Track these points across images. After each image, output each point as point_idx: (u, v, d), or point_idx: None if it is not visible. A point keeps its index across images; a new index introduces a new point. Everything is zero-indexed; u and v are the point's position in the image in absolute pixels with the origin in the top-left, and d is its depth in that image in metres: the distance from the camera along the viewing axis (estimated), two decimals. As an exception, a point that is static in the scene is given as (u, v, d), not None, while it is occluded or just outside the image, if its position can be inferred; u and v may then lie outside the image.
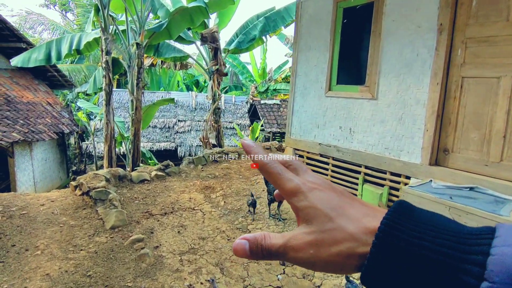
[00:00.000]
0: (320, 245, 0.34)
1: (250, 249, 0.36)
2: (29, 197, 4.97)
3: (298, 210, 0.36)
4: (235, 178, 6.14)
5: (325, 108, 4.91)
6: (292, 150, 5.53)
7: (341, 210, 0.35)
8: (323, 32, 4.87)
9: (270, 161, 0.40)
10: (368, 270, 0.31)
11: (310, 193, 0.36)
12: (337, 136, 4.75)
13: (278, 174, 0.39)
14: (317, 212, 0.35)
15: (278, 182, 0.38)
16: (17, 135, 8.50)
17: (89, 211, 4.44)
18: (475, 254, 0.27)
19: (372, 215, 0.34)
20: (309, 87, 5.18)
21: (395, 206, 0.33)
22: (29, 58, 7.38)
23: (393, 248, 0.30)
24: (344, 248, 0.33)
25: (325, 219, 0.34)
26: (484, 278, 0.26)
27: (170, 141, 12.41)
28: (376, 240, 0.31)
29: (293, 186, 0.37)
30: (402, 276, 0.29)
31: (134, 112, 6.81)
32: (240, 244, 0.36)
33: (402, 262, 0.29)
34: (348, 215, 0.34)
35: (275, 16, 9.00)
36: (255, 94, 20.92)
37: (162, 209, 4.64)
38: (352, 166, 4.54)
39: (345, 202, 0.36)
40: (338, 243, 0.33)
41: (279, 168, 0.39)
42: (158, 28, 6.80)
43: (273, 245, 0.36)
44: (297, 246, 0.34)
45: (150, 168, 6.17)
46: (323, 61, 4.90)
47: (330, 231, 0.34)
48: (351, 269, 0.33)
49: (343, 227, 0.33)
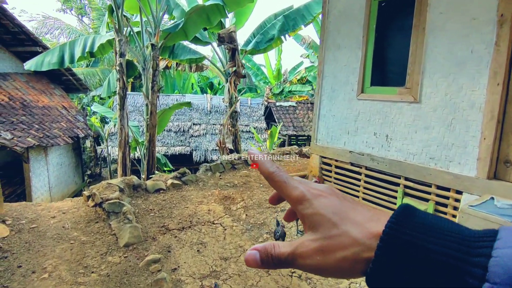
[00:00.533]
0: (326, 251, 0.34)
1: (261, 258, 0.37)
2: (40, 208, 4.71)
3: (304, 218, 0.37)
4: (256, 187, 5.74)
5: (356, 112, 4.45)
6: (318, 158, 5.09)
7: (345, 215, 0.35)
8: (355, 28, 4.43)
9: (276, 170, 0.41)
10: (373, 272, 0.31)
11: (315, 200, 0.37)
12: (371, 144, 4.28)
13: (284, 183, 0.39)
14: (322, 218, 0.35)
15: (284, 190, 0.39)
16: (32, 140, 8.37)
17: (101, 225, 4.12)
18: (477, 256, 0.27)
19: (376, 219, 0.34)
20: (338, 89, 4.74)
21: (399, 209, 0.33)
22: (42, 62, 7.21)
23: (397, 251, 0.30)
24: (350, 253, 0.33)
25: (330, 226, 0.35)
26: (486, 279, 0.26)
27: (185, 145, 12.12)
28: (381, 243, 0.31)
29: (298, 193, 0.38)
30: (406, 278, 0.29)
31: (149, 116, 6.51)
32: (251, 255, 0.37)
33: (406, 264, 0.29)
34: (352, 220, 0.35)
35: (294, 15, 8.58)
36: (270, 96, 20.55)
37: (180, 223, 4.28)
38: (389, 177, 4.06)
39: (349, 208, 0.36)
40: (344, 248, 0.33)
41: (285, 176, 0.40)
42: (174, 28, 6.49)
43: (282, 254, 0.36)
44: (305, 253, 0.35)
45: (165, 176, 5.84)
46: (355, 60, 4.45)
47: (336, 237, 0.34)
48: (358, 274, 0.33)
49: (348, 232, 0.34)
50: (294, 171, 6.63)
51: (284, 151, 8.32)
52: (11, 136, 7.93)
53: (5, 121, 8.33)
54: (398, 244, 0.30)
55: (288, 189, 0.39)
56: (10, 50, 10.19)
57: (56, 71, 10.71)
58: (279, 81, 22.74)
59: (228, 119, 8.34)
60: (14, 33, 9.58)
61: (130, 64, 7.61)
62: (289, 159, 8.02)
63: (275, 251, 0.36)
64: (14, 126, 8.39)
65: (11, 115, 8.69)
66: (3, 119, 8.35)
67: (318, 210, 0.36)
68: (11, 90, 9.55)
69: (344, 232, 0.34)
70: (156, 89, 6.57)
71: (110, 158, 10.24)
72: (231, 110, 8.21)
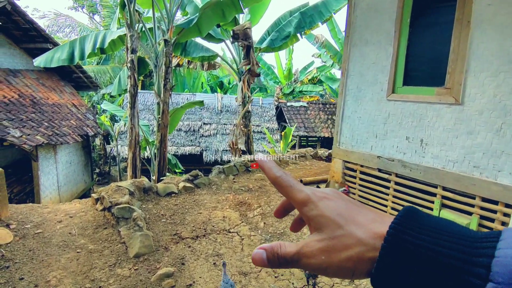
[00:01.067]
0: (331, 251, 0.34)
1: (267, 258, 0.37)
2: (46, 211, 4.47)
3: (310, 220, 0.38)
4: (272, 192, 5.42)
5: (386, 114, 4.09)
6: (341, 163, 4.74)
7: (350, 217, 0.36)
8: (385, 23, 4.06)
9: (282, 175, 0.41)
10: (378, 272, 0.31)
11: (320, 202, 0.38)
12: (402, 149, 3.92)
13: (290, 187, 0.40)
14: (327, 220, 0.36)
15: (290, 194, 0.40)
16: (41, 138, 8.20)
17: (110, 231, 3.86)
18: (480, 256, 0.28)
19: (380, 220, 0.35)
20: (365, 89, 4.38)
21: (403, 211, 0.34)
22: (52, 58, 7.00)
23: (401, 251, 0.30)
24: (354, 253, 0.33)
25: (335, 227, 0.35)
26: (489, 279, 0.26)
27: (195, 145, 11.84)
28: (385, 243, 0.31)
29: (303, 196, 0.39)
30: (410, 278, 0.30)
31: (160, 116, 6.23)
32: (258, 254, 0.37)
33: (410, 264, 0.30)
34: (356, 222, 0.35)
35: (311, 11, 8.21)
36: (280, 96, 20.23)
37: (193, 231, 3.99)
38: (424, 186, 3.69)
39: (354, 210, 0.37)
40: (348, 248, 0.34)
41: (291, 181, 0.41)
42: (188, 24, 6.21)
43: (288, 253, 0.37)
44: (310, 253, 0.35)
45: (177, 178, 5.55)
46: (384, 57, 4.09)
47: (340, 237, 0.35)
48: (361, 274, 0.34)
49: (352, 233, 0.34)
50: (311, 175, 6.29)
51: (299, 153, 7.98)
52: (20, 134, 7.77)
53: (14, 118, 8.18)
54: (402, 244, 0.31)
55: (294, 192, 0.40)
56: (21, 46, 10.08)
57: (67, 68, 10.57)
58: (289, 81, 22.37)
59: (241, 119, 8.03)
60: (25, 29, 9.46)
61: (141, 61, 7.36)
62: (304, 162, 7.68)
63: (281, 251, 0.37)
64: (23, 124, 8.23)
65: (20, 113, 8.53)
66: (13, 117, 8.20)
67: (323, 212, 0.37)
68: (21, 87, 9.42)
69: (348, 232, 0.35)
70: (169, 87, 6.29)
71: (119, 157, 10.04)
72: (245, 110, 7.90)
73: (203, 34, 6.75)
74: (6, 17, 8.97)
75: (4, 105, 8.30)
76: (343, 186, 4.67)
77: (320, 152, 8.43)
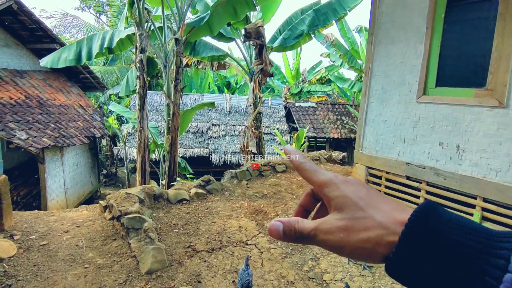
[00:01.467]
0: (350, 230, 0.35)
1: (284, 231, 0.37)
2: (52, 219, 4.24)
3: (330, 200, 0.38)
4: (288, 198, 5.13)
5: (416, 117, 3.78)
6: (364, 169, 4.44)
7: (371, 202, 0.36)
8: (415, 19, 3.76)
9: (306, 161, 0.42)
10: (395, 256, 0.32)
11: (342, 185, 0.38)
12: (435, 155, 3.61)
13: (313, 170, 0.41)
14: (349, 201, 0.36)
15: (312, 177, 0.40)
16: (48, 140, 8.01)
17: (120, 243, 3.60)
18: (500, 249, 0.28)
19: (401, 209, 0.35)
20: (391, 90, 4.08)
21: (424, 203, 0.34)
22: (59, 58, 6.80)
23: (421, 238, 0.31)
24: (373, 235, 0.33)
25: (356, 208, 0.36)
26: (508, 270, 0.27)
27: (203, 147, 11.59)
28: (406, 229, 0.32)
29: (326, 178, 0.39)
30: (427, 266, 0.30)
31: (171, 118, 5.98)
32: (274, 225, 0.38)
33: (428, 251, 0.30)
34: (378, 207, 0.36)
35: (325, 9, 7.91)
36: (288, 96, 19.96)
37: (208, 243, 3.72)
38: (460, 196, 3.38)
39: (375, 196, 0.37)
40: (368, 229, 0.34)
41: (314, 165, 0.42)
42: (199, 22, 5.95)
43: (305, 228, 0.37)
44: (328, 230, 0.36)
45: (188, 184, 5.29)
46: (414, 56, 3.78)
47: (361, 218, 0.35)
48: (377, 258, 0.34)
49: (373, 216, 0.35)
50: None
51: (313, 156, 7.68)
52: (26, 136, 7.59)
53: (20, 120, 8.00)
54: (422, 231, 0.31)
55: (317, 174, 0.40)
56: (27, 47, 9.95)
57: (74, 68, 10.41)
58: (297, 80, 22.07)
59: (253, 121, 7.75)
60: (32, 29, 9.31)
61: (150, 61, 7.12)
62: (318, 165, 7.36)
63: (298, 225, 0.37)
64: (29, 126, 8.05)
65: (27, 114, 8.36)
66: (19, 118, 8.02)
67: (345, 193, 0.37)
68: (28, 88, 9.27)
69: (369, 215, 0.35)
70: (180, 88, 6.04)
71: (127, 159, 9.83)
72: (256, 111, 7.62)
73: (214, 32, 6.49)
74: (13, 17, 8.82)
75: (11, 107, 8.13)
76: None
77: (334, 155, 8.12)
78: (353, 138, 16.23)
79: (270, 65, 6.94)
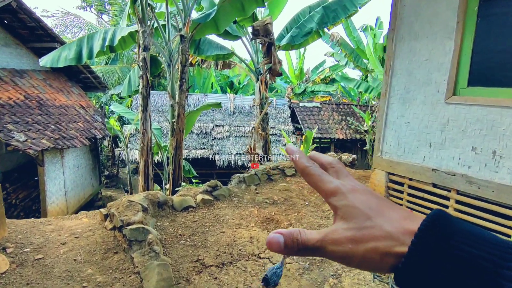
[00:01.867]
0: (359, 240, 0.33)
1: (285, 243, 0.35)
2: (49, 228, 3.95)
3: (337, 209, 0.36)
4: (301, 205, 4.83)
5: (444, 119, 3.47)
6: (384, 175, 4.12)
7: (380, 211, 0.35)
8: (443, 12, 3.44)
9: (311, 165, 0.40)
10: (404, 267, 0.31)
11: (350, 194, 0.36)
12: (467, 161, 3.29)
13: (319, 176, 0.39)
14: (356, 210, 0.35)
15: (318, 184, 0.39)
16: (47, 142, 7.73)
17: (122, 257, 3.31)
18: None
19: (411, 218, 0.34)
20: (415, 89, 3.76)
21: (434, 212, 0.33)
22: (59, 57, 6.51)
23: (432, 249, 0.30)
24: (382, 245, 0.32)
25: (364, 218, 0.34)
26: None
27: (207, 148, 11.28)
28: (416, 239, 0.31)
29: (333, 186, 0.37)
30: (437, 277, 0.29)
31: (175, 120, 5.68)
32: (274, 238, 0.35)
33: (439, 262, 0.29)
34: (386, 216, 0.34)
35: (335, 5, 7.59)
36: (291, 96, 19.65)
37: (218, 256, 3.42)
38: (498, 207, 3.06)
39: (384, 205, 0.36)
40: (376, 240, 0.33)
41: (319, 171, 0.39)
42: (205, 19, 5.65)
43: (309, 240, 0.35)
44: (336, 240, 0.34)
45: (194, 190, 5.00)
46: (441, 53, 3.47)
47: (369, 228, 0.34)
48: (386, 268, 0.33)
49: (381, 225, 0.33)
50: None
51: (323, 159, 7.37)
52: (24, 138, 7.30)
53: (19, 121, 7.73)
54: (432, 242, 0.30)
55: (323, 182, 0.38)
56: (27, 46, 9.68)
57: (74, 68, 10.14)
58: (301, 80, 21.76)
59: (259, 122, 7.45)
60: (31, 28, 9.05)
61: (153, 60, 6.83)
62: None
63: (301, 237, 0.35)
64: (29, 127, 7.77)
65: (26, 115, 8.09)
66: (18, 119, 7.75)
67: (353, 202, 0.36)
68: (27, 88, 8.99)
69: (378, 225, 0.33)
70: (185, 88, 5.73)
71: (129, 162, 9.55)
72: (263, 112, 7.31)
73: (221, 30, 6.19)
74: (12, 15, 8.56)
75: (9, 107, 7.86)
76: (386, 202, 4.06)
77: (344, 158, 7.80)
78: (358, 139, 15.94)
79: (280, 63, 6.63)
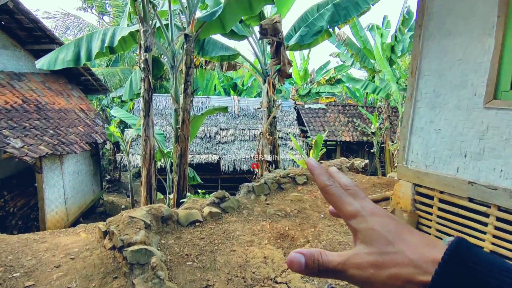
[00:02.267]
0: (381, 266, 0.33)
1: (306, 264, 0.36)
2: (43, 247, 3.60)
3: (357, 232, 0.36)
4: (316, 217, 4.46)
5: (483, 126, 3.09)
6: (410, 186, 3.74)
7: (401, 236, 0.35)
8: (480, 7, 3.07)
9: (332, 184, 0.40)
10: None
11: (370, 217, 0.36)
12: (510, 173, 2.91)
13: (339, 197, 0.39)
14: (377, 234, 0.35)
15: (338, 204, 0.39)
16: (45, 149, 7.39)
17: (122, 283, 2.95)
18: None
19: (433, 245, 0.34)
20: (447, 93, 3.38)
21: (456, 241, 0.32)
22: (56, 59, 6.18)
23: (455, 279, 0.30)
24: (404, 273, 0.32)
25: (386, 242, 0.34)
26: None
27: (211, 153, 10.92)
28: (439, 269, 0.31)
29: (353, 209, 0.37)
30: None
31: (180, 126, 5.32)
32: (296, 258, 0.36)
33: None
34: (408, 242, 0.34)
35: (346, 3, 7.22)
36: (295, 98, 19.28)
37: (229, 280, 3.05)
38: (550, 227, 2.68)
39: (404, 230, 0.36)
40: (399, 266, 0.33)
41: (340, 191, 0.39)
42: (210, 17, 5.30)
43: (330, 262, 0.35)
44: (358, 264, 0.34)
45: (200, 201, 4.63)
46: (479, 52, 3.09)
47: (391, 254, 0.33)
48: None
49: (403, 252, 0.33)
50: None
51: (334, 164, 6.99)
52: (21, 144, 6.97)
53: (16, 126, 7.40)
54: (456, 272, 0.30)
55: (343, 204, 0.38)
56: (26, 48, 9.38)
57: (74, 70, 9.83)
58: (305, 81, 21.40)
59: (267, 126, 7.08)
60: (29, 29, 8.75)
61: (155, 61, 6.49)
62: (340, 175, 6.68)
63: (322, 258, 0.36)
64: (26, 132, 7.44)
65: (23, 120, 7.76)
66: (15, 124, 7.42)
67: (373, 226, 0.36)
68: (25, 91, 8.67)
69: (399, 251, 0.33)
70: (190, 92, 5.38)
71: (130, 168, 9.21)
72: (272, 116, 6.94)
73: (227, 29, 5.83)
74: (9, 16, 8.25)
75: (6, 112, 7.53)
76: (413, 217, 3.68)
77: (356, 163, 7.43)
78: (365, 142, 15.57)
79: (290, 64, 6.26)
